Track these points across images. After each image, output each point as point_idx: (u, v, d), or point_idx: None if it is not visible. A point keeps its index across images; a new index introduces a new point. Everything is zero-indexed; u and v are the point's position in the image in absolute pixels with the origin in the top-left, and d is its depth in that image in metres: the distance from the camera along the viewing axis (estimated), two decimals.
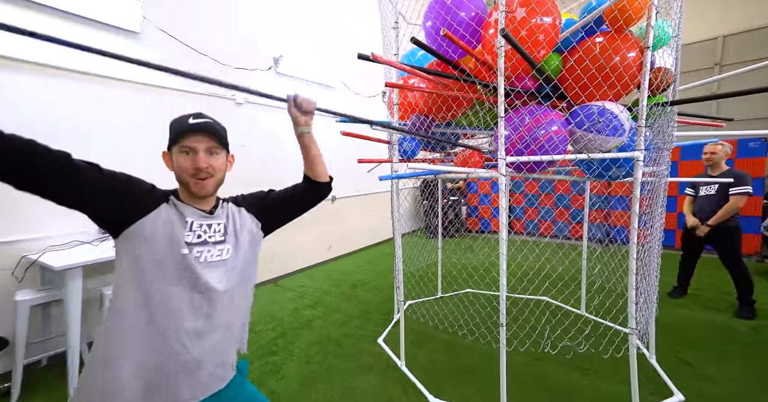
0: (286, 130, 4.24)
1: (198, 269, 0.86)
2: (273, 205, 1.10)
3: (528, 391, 1.94)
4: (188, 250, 0.86)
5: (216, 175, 0.93)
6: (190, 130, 0.87)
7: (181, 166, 0.88)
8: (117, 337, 0.82)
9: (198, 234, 0.89)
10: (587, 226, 3.00)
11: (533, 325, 2.57)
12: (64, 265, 1.93)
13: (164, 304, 0.83)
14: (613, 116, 1.62)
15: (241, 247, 0.97)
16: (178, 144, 0.88)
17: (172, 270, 0.84)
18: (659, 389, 1.91)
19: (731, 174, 2.84)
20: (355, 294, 3.56)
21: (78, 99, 2.47)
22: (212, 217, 0.95)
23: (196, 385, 0.88)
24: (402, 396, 1.96)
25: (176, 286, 0.85)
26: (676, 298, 3.20)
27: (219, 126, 0.94)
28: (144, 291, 0.82)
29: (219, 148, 0.92)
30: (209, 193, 0.94)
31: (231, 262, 0.94)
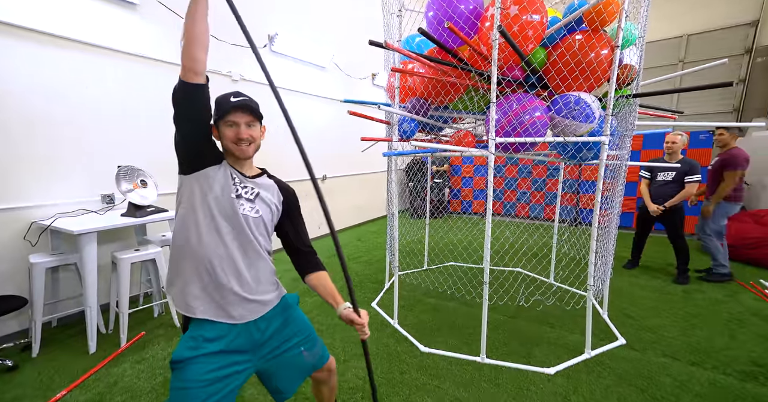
0: (280, 110, 4.32)
1: (239, 216, 1.08)
2: (284, 226, 1.23)
3: (504, 340, 2.29)
4: (234, 196, 1.08)
5: (255, 142, 1.13)
6: (233, 107, 1.06)
7: (227, 136, 1.08)
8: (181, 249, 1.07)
9: (237, 189, 1.10)
10: (559, 208, 3.35)
11: (507, 289, 2.93)
12: (82, 230, 2.04)
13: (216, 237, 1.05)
14: (587, 105, 1.90)
15: (266, 215, 1.15)
16: (223, 119, 1.07)
17: (224, 210, 1.06)
18: (608, 337, 2.31)
19: (686, 163, 3.13)
20: (347, 267, 3.80)
21: (75, 69, 2.47)
22: (249, 181, 1.15)
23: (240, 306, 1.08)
24: (396, 346, 2.25)
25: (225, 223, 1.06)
26: (630, 269, 3.65)
27: (254, 103, 1.12)
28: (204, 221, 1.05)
29: (255, 121, 1.12)
30: (249, 156, 1.14)
31: (258, 220, 1.12)
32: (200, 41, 0.99)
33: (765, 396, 1.75)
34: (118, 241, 2.70)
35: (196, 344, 1.02)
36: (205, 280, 1.05)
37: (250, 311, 1.10)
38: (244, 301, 1.08)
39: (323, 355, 1.28)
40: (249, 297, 1.09)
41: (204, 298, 1.05)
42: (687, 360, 2.05)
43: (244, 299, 1.08)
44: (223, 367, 1.02)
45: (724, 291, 3.03)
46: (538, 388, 1.83)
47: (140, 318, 2.61)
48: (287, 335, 1.18)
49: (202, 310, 1.05)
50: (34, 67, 2.27)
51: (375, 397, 1.39)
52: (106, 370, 1.98)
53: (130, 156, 2.70)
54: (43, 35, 2.29)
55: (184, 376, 0.98)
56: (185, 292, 1.05)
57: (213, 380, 0.99)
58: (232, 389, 1.04)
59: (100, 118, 2.60)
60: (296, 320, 1.23)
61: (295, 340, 1.20)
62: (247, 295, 1.08)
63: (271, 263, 1.19)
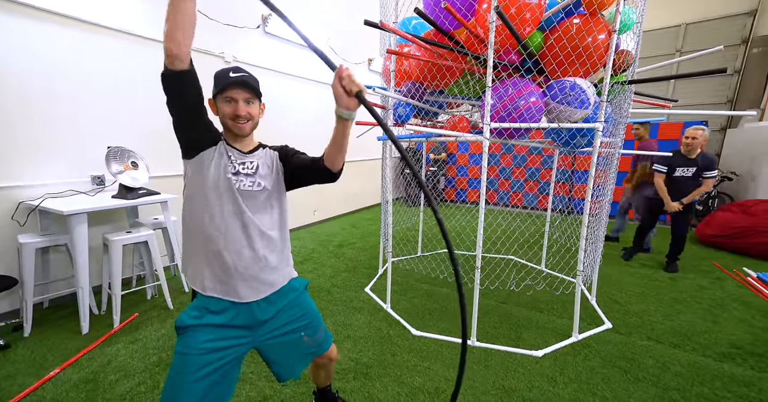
0: (274, 94, 4.23)
1: (236, 195, 1.06)
2: (295, 166, 1.17)
3: (494, 324, 2.34)
4: (231, 176, 1.06)
5: (253, 120, 1.10)
6: (232, 83, 1.03)
7: (225, 112, 1.06)
8: (190, 231, 1.08)
9: (235, 166, 1.08)
10: (552, 197, 3.38)
11: (498, 275, 2.98)
12: (72, 210, 2.01)
13: (214, 217, 1.05)
14: (582, 91, 1.89)
15: (269, 185, 1.12)
16: (222, 94, 1.05)
17: (222, 190, 1.05)
18: (595, 321, 2.37)
19: (706, 158, 3.05)
20: (341, 252, 3.83)
21: (67, 46, 2.40)
22: (247, 156, 1.12)
23: (243, 284, 1.07)
24: (389, 329, 2.29)
25: (223, 206, 1.05)
26: (628, 260, 3.55)
27: (253, 80, 1.08)
28: (205, 202, 1.05)
29: (254, 98, 1.09)
30: (246, 134, 1.11)
31: (262, 195, 1.11)
32: (186, 24, 0.90)
33: (740, 375, 1.82)
34: (109, 223, 2.68)
35: (200, 314, 1.05)
36: (212, 260, 1.06)
37: (255, 290, 1.10)
38: (249, 279, 1.08)
39: (325, 343, 1.28)
40: (254, 276, 1.09)
41: (212, 277, 1.07)
42: (669, 343, 2.11)
43: (249, 278, 1.08)
44: (222, 339, 1.05)
45: (709, 278, 3.11)
46: (525, 370, 1.88)
47: (133, 300, 2.61)
48: (290, 318, 1.18)
49: (211, 288, 1.07)
50: (25, 43, 2.20)
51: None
52: (99, 350, 2.00)
53: (121, 137, 2.65)
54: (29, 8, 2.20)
55: (185, 342, 1.02)
56: (197, 272, 1.08)
57: (211, 349, 1.02)
58: (230, 361, 1.06)
59: (91, 98, 2.54)
60: (301, 304, 1.22)
61: (297, 324, 1.19)
62: (252, 274, 1.08)
63: (279, 242, 1.16)
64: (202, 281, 1.07)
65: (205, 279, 1.07)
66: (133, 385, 1.72)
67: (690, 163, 3.09)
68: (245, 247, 1.07)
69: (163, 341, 2.10)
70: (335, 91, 0.96)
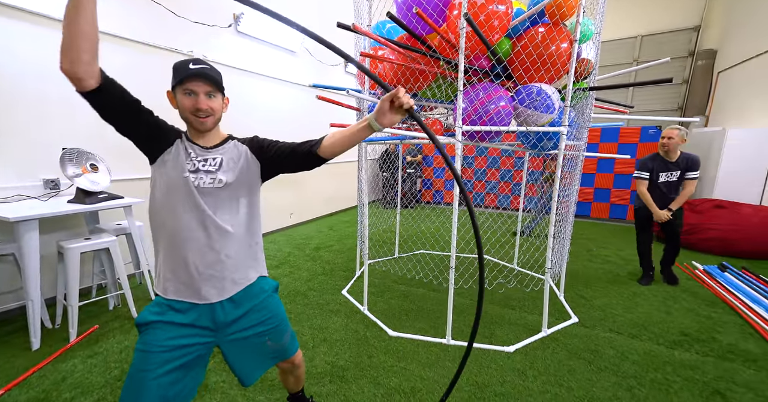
0: (244, 94, 4.12)
1: (194, 193, 1.02)
2: (274, 156, 1.13)
3: (468, 323, 2.39)
4: (188, 175, 1.03)
5: (215, 115, 1.06)
6: (192, 74, 0.99)
7: (185, 106, 1.02)
8: (154, 234, 1.07)
9: (194, 164, 1.05)
10: (524, 198, 3.51)
11: (471, 274, 3.06)
12: (20, 217, 1.86)
13: (174, 218, 1.02)
14: (547, 96, 1.99)
15: (235, 181, 1.07)
16: (181, 86, 1.00)
17: (179, 190, 1.02)
18: (563, 316, 2.49)
19: (687, 159, 2.78)
20: (318, 255, 3.78)
21: (13, 37, 2.22)
22: (209, 152, 1.08)
23: (205, 284, 1.04)
24: (365, 331, 2.28)
25: (183, 205, 1.02)
26: (646, 284, 3.04)
27: (216, 72, 1.05)
28: (165, 204, 1.03)
29: (216, 91, 1.04)
30: (208, 129, 1.08)
31: (225, 191, 1.06)
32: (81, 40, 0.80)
33: (687, 359, 1.98)
34: (66, 230, 2.50)
35: (162, 310, 1.03)
36: (174, 261, 1.04)
37: (219, 290, 1.06)
38: (211, 279, 1.04)
39: (289, 349, 1.24)
40: (216, 275, 1.05)
41: (173, 279, 1.04)
42: (628, 334, 2.25)
43: (210, 277, 1.04)
44: (184, 337, 1.02)
45: None
46: (498, 365, 1.94)
47: (93, 311, 2.45)
48: (255, 321, 1.14)
49: (172, 290, 1.04)
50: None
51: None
52: (52, 366, 1.85)
53: (80, 139, 2.49)
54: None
55: (145, 339, 0.99)
56: (160, 275, 1.06)
57: (173, 347, 0.99)
58: (193, 360, 1.03)
59: (44, 96, 2.36)
60: (268, 307, 1.17)
61: (262, 328, 1.15)
62: (213, 274, 1.05)
63: (245, 239, 1.11)
64: (164, 283, 1.05)
65: (167, 281, 1.04)
66: None
67: (672, 167, 2.82)
68: (206, 246, 1.03)
69: (126, 353, 1.98)
70: (382, 107, 0.97)
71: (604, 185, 5.37)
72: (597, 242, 4.37)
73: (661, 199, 2.90)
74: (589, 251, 3.99)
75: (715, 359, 1.99)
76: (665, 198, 2.88)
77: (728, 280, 3.06)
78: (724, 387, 1.76)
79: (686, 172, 2.80)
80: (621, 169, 5.20)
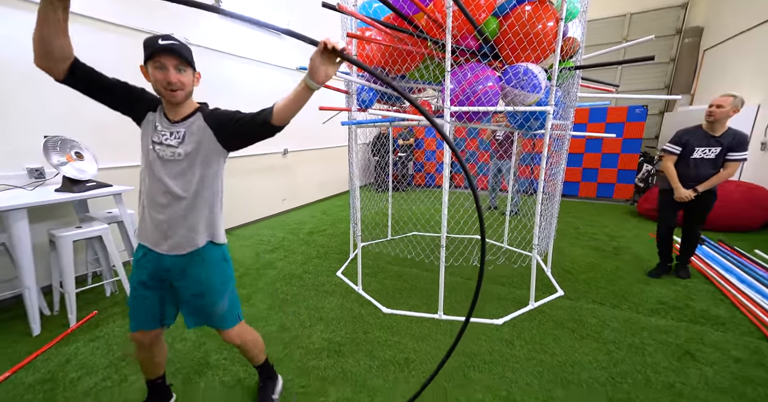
0: (229, 77, 4.02)
1: (157, 162, 1.18)
2: (234, 132, 1.20)
3: (459, 298, 2.49)
4: (152, 146, 1.18)
5: (185, 89, 1.15)
6: (161, 49, 1.06)
7: (157, 79, 1.10)
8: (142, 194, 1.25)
9: (158, 136, 1.18)
10: (513, 179, 3.58)
11: (461, 253, 3.15)
12: (7, 206, 1.85)
13: (146, 180, 1.21)
14: (534, 75, 2.01)
15: (193, 153, 1.18)
16: (152, 60, 1.08)
17: (147, 158, 1.19)
18: (549, 290, 2.61)
19: (737, 136, 2.34)
20: (312, 239, 3.83)
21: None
22: (174, 126, 1.19)
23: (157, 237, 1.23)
24: (360, 309, 2.37)
25: (150, 170, 1.19)
26: (656, 277, 2.78)
27: (184, 48, 1.12)
28: (143, 166, 1.22)
29: (185, 65, 1.12)
30: (179, 101, 1.17)
31: (183, 163, 1.18)
32: (59, 56, 0.99)
33: (663, 325, 2.12)
34: (55, 219, 2.49)
35: (137, 255, 1.30)
36: (144, 215, 1.25)
37: (168, 244, 1.23)
38: (162, 233, 1.22)
39: (216, 320, 1.33)
40: (167, 232, 1.22)
41: (142, 227, 1.27)
42: (610, 304, 2.38)
43: (162, 232, 1.22)
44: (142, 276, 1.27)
45: (647, 247, 3.48)
46: (486, 337, 2.04)
47: (90, 298, 2.48)
48: (188, 281, 1.28)
49: (142, 237, 1.27)
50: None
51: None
52: (55, 350, 1.90)
53: (62, 127, 2.43)
54: None
55: (132, 273, 1.31)
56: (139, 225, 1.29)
57: (138, 282, 1.27)
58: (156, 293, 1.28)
59: (23, 82, 2.29)
60: (200, 273, 1.28)
61: (192, 290, 1.28)
62: (164, 229, 1.21)
63: (195, 207, 1.22)
64: (139, 229, 1.28)
65: (139, 229, 1.28)
66: (98, 381, 1.67)
67: (713, 142, 2.39)
68: (161, 206, 1.20)
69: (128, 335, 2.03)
70: (313, 64, 1.02)
71: (592, 165, 5.47)
72: (584, 220, 4.50)
73: (688, 178, 2.50)
74: (576, 229, 4.12)
75: (687, 323, 2.13)
76: (695, 176, 2.48)
77: (705, 252, 3.21)
78: (694, 348, 1.90)
79: (729, 152, 2.37)
80: (609, 148, 5.30)
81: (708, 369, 1.74)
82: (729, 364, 1.77)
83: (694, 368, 1.75)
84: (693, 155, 2.49)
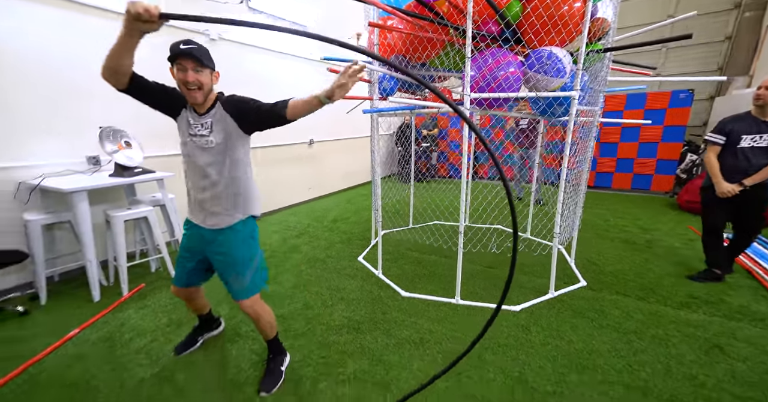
0: (257, 70, 4.19)
1: (194, 150, 1.38)
2: (255, 119, 1.38)
3: (477, 284, 2.52)
4: (189, 138, 1.38)
5: (204, 88, 1.31)
6: (180, 53, 1.24)
7: (179, 78, 1.28)
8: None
9: (191, 130, 1.38)
10: (540, 170, 3.48)
11: (483, 242, 3.15)
12: (73, 188, 2.11)
13: (188, 167, 1.43)
14: (558, 59, 1.95)
15: (226, 139, 1.37)
16: (174, 62, 1.26)
17: (186, 148, 1.40)
18: (572, 281, 2.56)
19: None
20: (336, 226, 3.98)
21: (53, 25, 2.40)
22: (202, 118, 1.37)
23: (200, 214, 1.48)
24: (380, 292, 2.47)
25: (188, 156, 1.41)
26: (698, 281, 2.49)
27: (200, 52, 1.27)
28: (183, 155, 1.44)
29: (202, 67, 1.28)
30: (198, 102, 1.33)
31: (216, 149, 1.37)
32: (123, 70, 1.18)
33: (692, 319, 2.04)
34: (109, 202, 2.78)
35: (184, 228, 1.57)
36: (190, 196, 1.50)
37: (206, 222, 1.47)
38: (202, 210, 1.47)
39: (235, 288, 1.52)
40: (206, 211, 1.46)
41: (189, 204, 1.52)
42: (636, 296, 2.31)
43: (201, 209, 1.47)
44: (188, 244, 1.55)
45: (682, 240, 3.30)
46: (504, 322, 2.07)
47: (138, 273, 2.77)
48: (218, 250, 1.50)
49: (189, 211, 1.54)
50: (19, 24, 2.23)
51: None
52: (112, 315, 2.17)
53: (112, 119, 2.69)
54: None
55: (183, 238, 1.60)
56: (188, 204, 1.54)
57: (184, 249, 1.56)
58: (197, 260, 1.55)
59: (78, 78, 2.56)
60: (227, 245, 1.49)
61: (220, 257, 1.51)
62: (204, 209, 1.46)
63: (228, 189, 1.43)
64: (188, 208, 1.53)
65: (189, 207, 1.53)
66: (147, 342, 1.90)
67: (764, 128, 2.20)
68: (203, 189, 1.43)
69: (172, 306, 2.27)
70: (340, 85, 1.19)
71: (627, 155, 5.18)
72: (616, 213, 4.31)
73: (737, 170, 2.26)
74: (606, 221, 3.96)
75: (721, 319, 2.03)
76: (745, 168, 2.23)
77: (752, 247, 2.99)
78: (725, 342, 1.82)
79: None
80: (647, 137, 4.97)
81: (738, 364, 1.67)
82: (763, 359, 1.69)
83: (722, 362, 1.68)
84: (740, 144, 2.26)
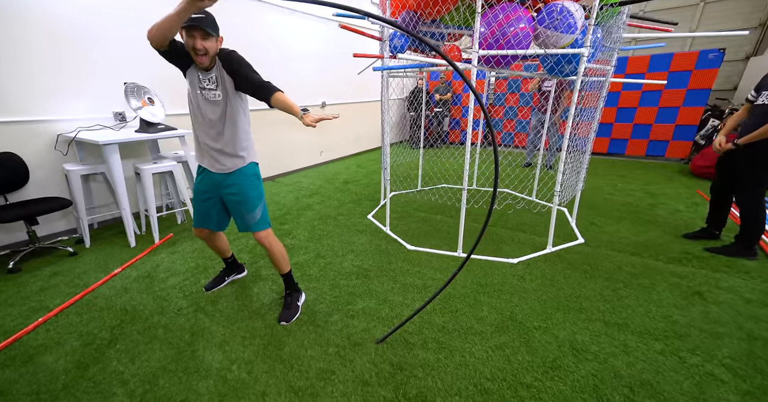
0: (290, 31, 4.14)
1: (203, 103, 1.54)
2: (243, 86, 1.53)
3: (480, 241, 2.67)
4: (199, 91, 1.53)
5: (209, 53, 1.45)
6: (190, 23, 1.36)
7: (188, 44, 1.42)
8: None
9: (201, 84, 1.52)
10: (553, 135, 3.48)
11: (486, 201, 3.26)
12: (107, 141, 2.29)
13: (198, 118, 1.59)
14: (569, 14, 1.93)
15: (226, 92, 1.53)
16: (186, 30, 1.40)
17: (196, 100, 1.55)
18: (571, 238, 2.68)
19: None
20: (347, 188, 4.14)
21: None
22: (208, 73, 1.52)
23: (210, 160, 1.65)
24: (387, 245, 2.65)
25: (197, 109, 1.56)
26: (691, 239, 2.57)
27: (208, 22, 1.39)
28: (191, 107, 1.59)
29: (208, 35, 1.41)
30: (204, 66, 1.48)
31: (222, 101, 1.54)
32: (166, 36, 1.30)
33: (680, 271, 2.17)
34: (135, 157, 2.98)
35: (197, 172, 1.75)
36: (198, 144, 1.66)
37: (214, 167, 1.66)
38: (211, 156, 1.64)
39: (250, 223, 1.71)
40: (214, 157, 1.63)
41: (198, 153, 1.69)
42: (629, 252, 2.43)
43: (211, 157, 1.64)
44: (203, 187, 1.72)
45: (687, 204, 3.34)
46: (500, 272, 2.24)
47: (166, 224, 3.03)
48: (231, 190, 1.68)
49: (198, 159, 1.71)
50: None
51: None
52: (147, 258, 2.44)
53: (136, 77, 2.81)
54: None
55: (195, 181, 1.77)
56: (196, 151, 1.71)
57: (198, 192, 1.74)
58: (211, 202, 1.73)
59: (104, 36, 2.65)
60: (237, 185, 1.68)
61: (233, 197, 1.69)
62: (212, 155, 1.63)
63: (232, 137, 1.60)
64: (197, 155, 1.71)
65: (198, 155, 1.71)
66: (180, 281, 2.15)
67: None
68: (208, 137, 1.60)
69: (198, 253, 2.52)
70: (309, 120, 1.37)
71: (645, 120, 5.03)
72: (626, 178, 4.31)
73: (746, 130, 2.12)
74: (613, 186, 3.98)
75: (708, 271, 2.15)
76: (751, 128, 2.09)
77: None
78: (706, 290, 1.95)
79: None
80: (668, 102, 4.79)
81: (713, 306, 1.81)
82: (738, 304, 1.83)
83: (699, 306, 1.83)
84: (757, 100, 2.08)
